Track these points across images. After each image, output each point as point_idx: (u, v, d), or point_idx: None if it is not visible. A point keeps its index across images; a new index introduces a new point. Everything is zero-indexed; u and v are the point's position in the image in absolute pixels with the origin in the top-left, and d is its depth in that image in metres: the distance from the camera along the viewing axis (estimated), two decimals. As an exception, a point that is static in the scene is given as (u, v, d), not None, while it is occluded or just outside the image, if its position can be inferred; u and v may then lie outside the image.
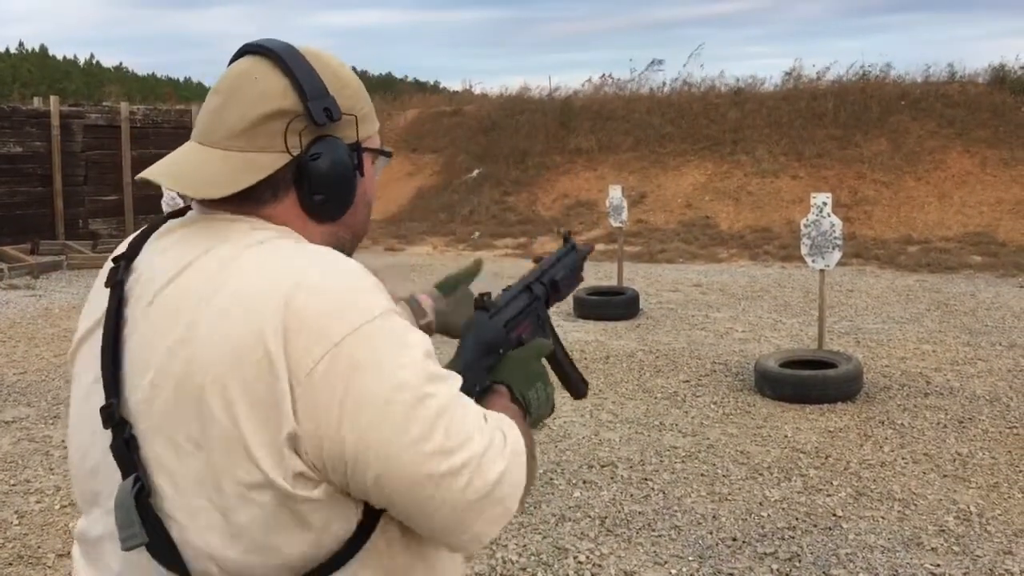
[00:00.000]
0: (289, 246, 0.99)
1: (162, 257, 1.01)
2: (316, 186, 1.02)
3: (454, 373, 1.00)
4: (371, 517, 0.96)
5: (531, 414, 1.16)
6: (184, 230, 1.04)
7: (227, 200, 1.01)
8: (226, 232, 1.00)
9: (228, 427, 0.89)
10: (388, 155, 1.15)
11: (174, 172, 1.03)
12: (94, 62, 39.93)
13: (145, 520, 0.91)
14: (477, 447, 0.94)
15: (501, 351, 1.21)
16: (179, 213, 1.11)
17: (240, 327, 0.90)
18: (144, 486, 0.91)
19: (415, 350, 0.94)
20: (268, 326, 0.89)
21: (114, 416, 0.94)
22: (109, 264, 1.07)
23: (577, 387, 1.39)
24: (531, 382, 1.18)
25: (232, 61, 1.08)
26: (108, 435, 0.95)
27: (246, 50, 1.07)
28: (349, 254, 1.08)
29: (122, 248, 1.08)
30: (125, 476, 0.92)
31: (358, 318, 0.91)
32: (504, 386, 1.15)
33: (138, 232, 1.09)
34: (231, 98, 1.03)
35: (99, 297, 1.05)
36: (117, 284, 1.01)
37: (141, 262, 1.03)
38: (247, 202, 1.02)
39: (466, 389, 1.01)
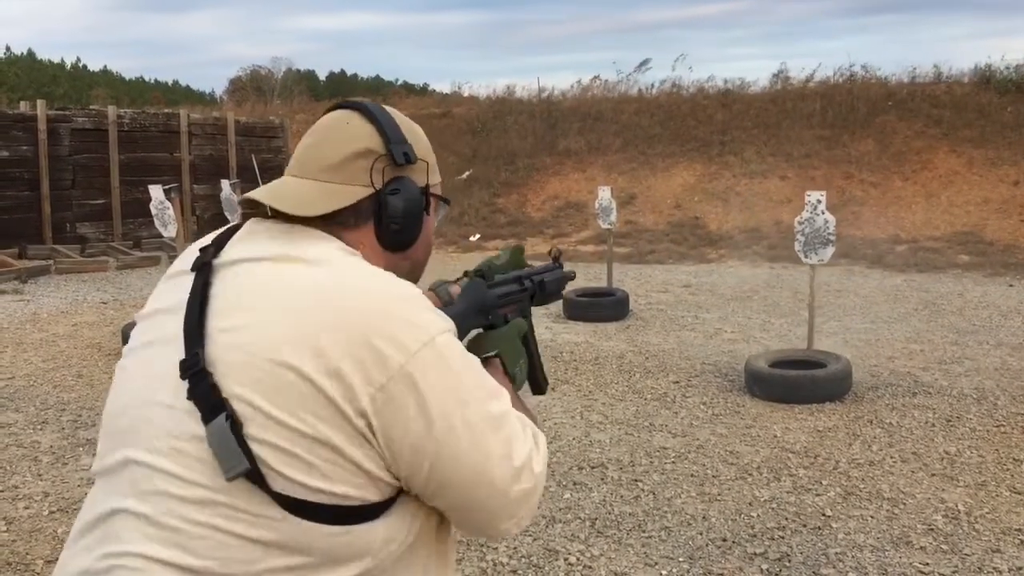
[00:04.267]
0: (367, 265, 1.11)
1: (251, 246, 1.13)
2: (391, 217, 1.17)
3: (501, 386, 1.13)
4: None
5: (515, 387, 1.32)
6: (274, 228, 1.15)
7: (315, 221, 1.14)
8: (313, 238, 1.13)
9: (302, 397, 0.99)
10: (447, 203, 1.31)
11: (275, 194, 1.16)
12: (81, 65, 39.70)
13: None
14: (526, 449, 1.10)
15: (490, 317, 1.35)
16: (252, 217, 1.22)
17: (319, 320, 1.01)
18: (236, 420, 0.99)
19: (476, 365, 1.09)
20: (345, 331, 1.00)
21: (198, 363, 1.02)
22: (191, 254, 1.17)
23: (539, 384, 1.49)
24: (516, 359, 1.34)
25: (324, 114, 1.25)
26: (181, 386, 1.03)
27: (337, 105, 1.24)
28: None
29: (207, 240, 1.19)
30: (209, 419, 1.00)
31: (427, 334, 1.04)
32: (498, 359, 1.30)
33: (222, 231, 1.20)
34: (325, 138, 1.19)
35: (174, 285, 1.15)
36: (204, 266, 1.11)
37: (230, 250, 1.13)
38: (333, 225, 1.15)
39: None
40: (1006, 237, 11.93)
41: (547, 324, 7.92)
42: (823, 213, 5.73)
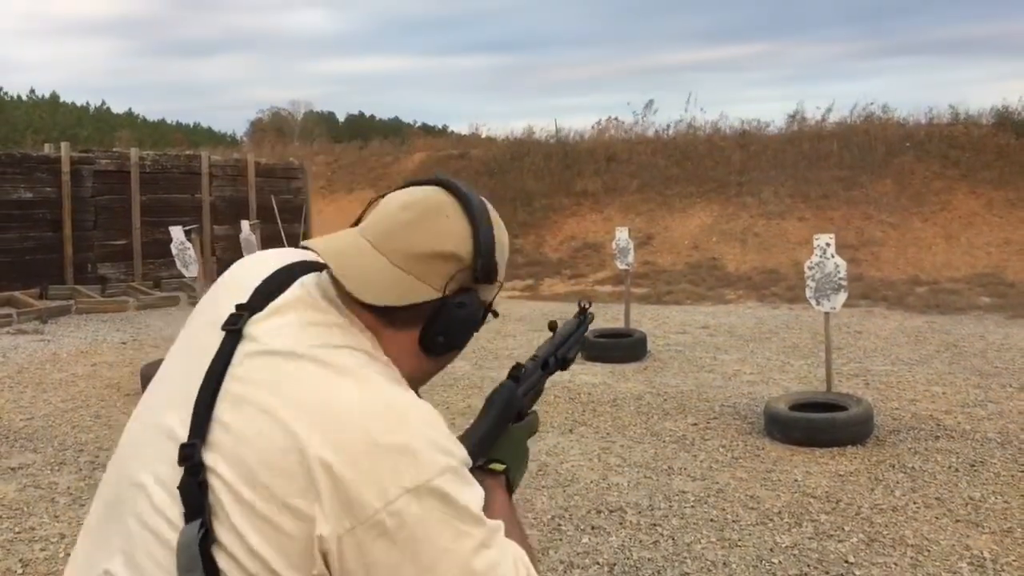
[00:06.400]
0: (387, 385, 1.03)
1: (282, 333, 1.05)
2: (445, 329, 1.10)
3: (500, 523, 1.03)
4: None
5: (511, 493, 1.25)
6: (309, 315, 1.08)
7: (366, 304, 1.07)
8: (351, 340, 1.06)
9: (273, 521, 0.94)
10: (496, 315, 1.22)
11: (343, 262, 1.07)
12: (105, 108, 40.31)
13: (205, 567, 0.93)
14: None
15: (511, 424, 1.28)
16: (313, 267, 1.16)
17: (309, 447, 0.94)
18: (209, 532, 0.93)
19: (469, 513, 0.98)
20: (327, 467, 0.93)
21: (194, 456, 0.96)
22: (227, 299, 1.11)
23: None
24: (521, 467, 1.26)
25: (422, 184, 1.16)
26: (177, 472, 0.97)
27: (442, 183, 1.15)
28: (423, 383, 1.17)
29: (240, 289, 1.11)
30: (190, 519, 0.95)
31: (416, 480, 0.95)
32: (502, 468, 1.22)
33: (266, 279, 1.12)
34: (421, 222, 1.09)
35: (207, 328, 1.08)
36: (234, 332, 1.05)
37: (262, 324, 1.06)
38: (382, 313, 1.08)
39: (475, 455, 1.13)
40: (1027, 278, 11.83)
41: (564, 365, 7.88)
42: (832, 257, 5.67)
